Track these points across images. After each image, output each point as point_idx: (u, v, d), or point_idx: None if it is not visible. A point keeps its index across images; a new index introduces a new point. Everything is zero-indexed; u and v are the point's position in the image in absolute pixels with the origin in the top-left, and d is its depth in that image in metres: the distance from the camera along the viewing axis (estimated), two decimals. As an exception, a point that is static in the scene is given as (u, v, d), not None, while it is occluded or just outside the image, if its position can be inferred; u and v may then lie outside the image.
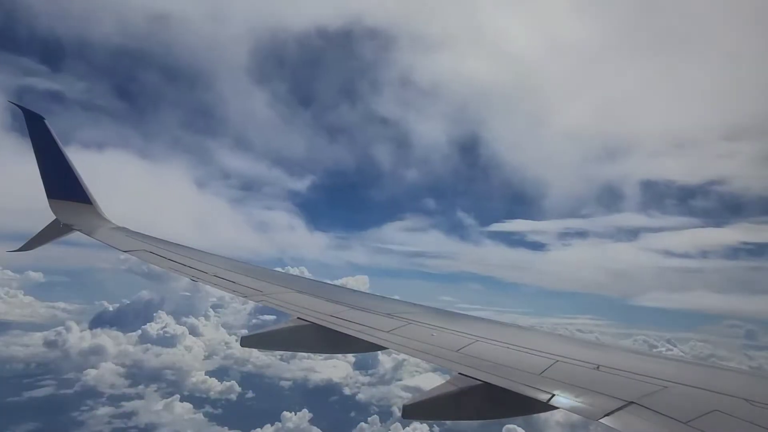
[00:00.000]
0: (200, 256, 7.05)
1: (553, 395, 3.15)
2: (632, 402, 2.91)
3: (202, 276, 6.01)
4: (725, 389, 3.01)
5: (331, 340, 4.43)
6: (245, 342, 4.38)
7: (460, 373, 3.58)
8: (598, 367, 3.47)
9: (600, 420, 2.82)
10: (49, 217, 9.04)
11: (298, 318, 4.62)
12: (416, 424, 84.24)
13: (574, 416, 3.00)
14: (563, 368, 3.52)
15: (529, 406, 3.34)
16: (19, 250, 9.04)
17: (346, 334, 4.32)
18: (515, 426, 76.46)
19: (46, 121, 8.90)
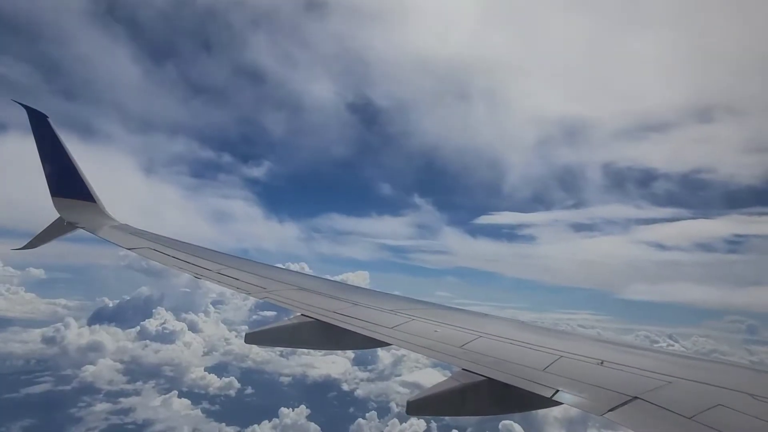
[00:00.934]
0: (203, 253, 7.12)
1: (557, 391, 3.16)
2: (636, 397, 2.93)
3: (206, 273, 6.06)
4: (729, 384, 3.03)
5: (334, 337, 4.46)
6: (249, 338, 4.40)
7: (463, 369, 3.61)
8: (602, 363, 3.49)
9: (604, 415, 2.83)
10: (53, 214, 9.09)
11: (302, 314, 4.66)
12: (413, 420, 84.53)
13: (572, 412, 3.03)
14: (567, 364, 3.54)
15: (533, 402, 3.37)
16: (24, 248, 9.14)
17: (349, 331, 4.35)
18: (512, 422, 76.87)
19: (49, 120, 8.95)
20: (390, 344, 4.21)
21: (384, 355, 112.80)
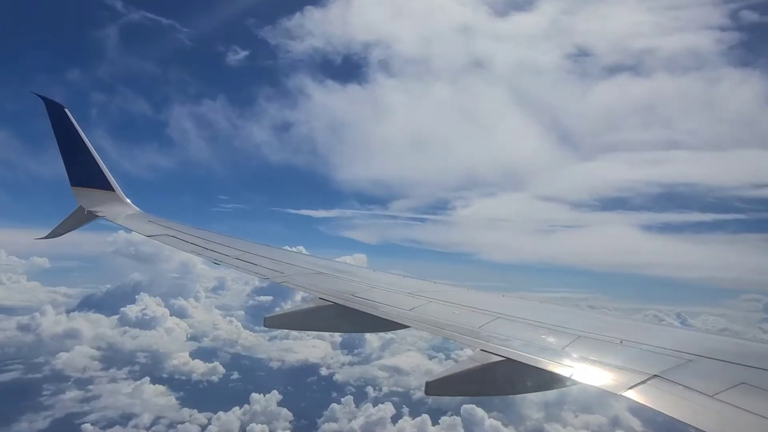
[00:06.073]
0: (221, 239, 7.31)
1: (576, 370, 3.22)
2: (656, 375, 2.97)
3: (225, 259, 6.20)
4: (752, 362, 3.08)
5: (352, 320, 4.52)
6: (268, 322, 4.48)
7: (482, 350, 3.67)
8: (621, 342, 3.57)
9: (623, 393, 2.88)
10: (73, 204, 9.20)
11: (320, 298, 4.70)
12: (381, 405, 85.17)
13: (550, 396, 3.10)
14: (586, 343, 3.62)
15: (552, 381, 3.43)
16: (47, 237, 9.24)
17: (367, 313, 4.40)
18: (474, 406, 78.14)
19: (66, 110, 9.04)
20: (408, 326, 4.27)
21: (372, 339, 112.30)
